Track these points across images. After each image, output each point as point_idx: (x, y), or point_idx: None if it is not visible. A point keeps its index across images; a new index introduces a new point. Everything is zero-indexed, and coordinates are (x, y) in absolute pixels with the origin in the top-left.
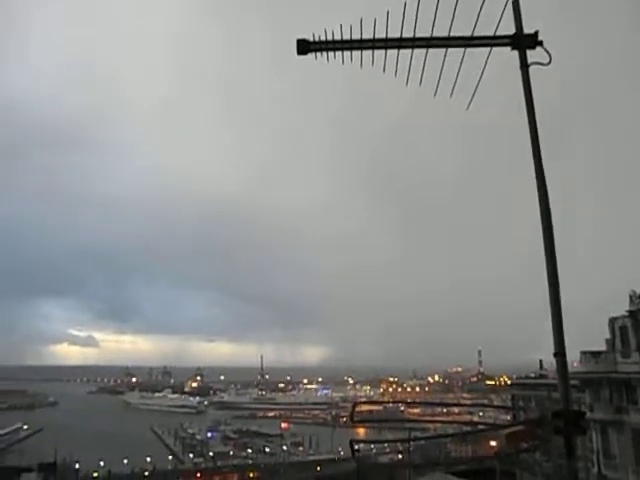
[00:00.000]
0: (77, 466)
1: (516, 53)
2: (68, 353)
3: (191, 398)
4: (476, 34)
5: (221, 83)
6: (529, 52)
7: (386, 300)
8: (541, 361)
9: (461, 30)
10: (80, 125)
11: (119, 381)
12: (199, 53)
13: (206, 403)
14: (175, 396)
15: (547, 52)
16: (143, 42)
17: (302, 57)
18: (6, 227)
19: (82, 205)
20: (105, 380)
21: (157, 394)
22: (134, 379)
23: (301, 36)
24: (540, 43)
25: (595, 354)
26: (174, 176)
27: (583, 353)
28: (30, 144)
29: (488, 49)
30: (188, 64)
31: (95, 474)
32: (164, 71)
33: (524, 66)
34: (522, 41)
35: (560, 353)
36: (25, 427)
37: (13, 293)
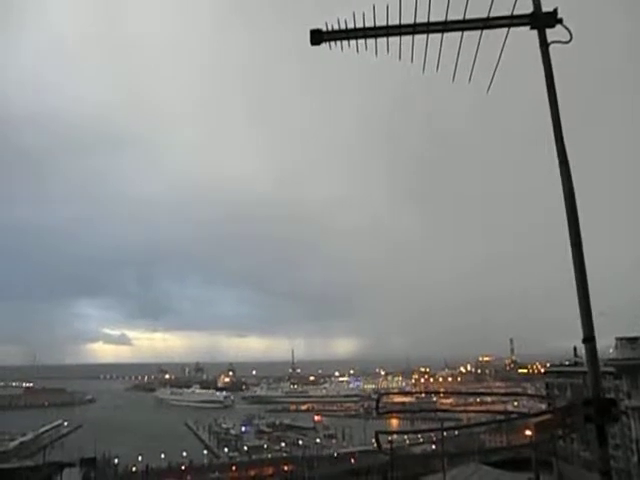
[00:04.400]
0: (116, 461)
1: (535, 32)
2: (103, 351)
3: (217, 393)
4: (493, 15)
5: (247, 82)
6: (548, 31)
7: (415, 288)
8: (575, 348)
9: (477, 12)
10: (109, 128)
11: (153, 378)
12: (226, 53)
13: (233, 398)
14: (203, 391)
15: (567, 30)
16: (171, 44)
17: (328, 54)
18: (41, 234)
19: (114, 208)
20: (139, 377)
21: (186, 390)
22: (167, 376)
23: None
24: (560, 21)
25: (631, 340)
26: (203, 176)
27: (619, 339)
28: (59, 149)
29: (506, 30)
30: (216, 64)
31: (134, 468)
32: (193, 72)
33: (544, 45)
34: (541, 20)
35: (589, 338)
36: (65, 424)
37: (52, 296)
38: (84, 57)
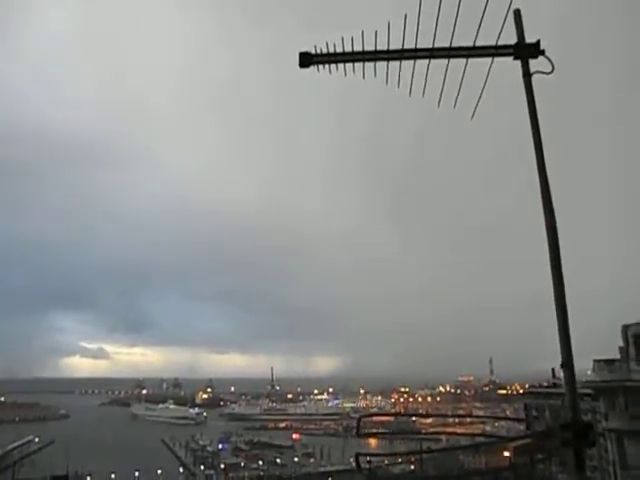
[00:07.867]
0: (88, 478)
1: (519, 62)
2: (80, 365)
3: (191, 410)
4: (478, 44)
5: (234, 94)
6: (531, 61)
7: (394, 305)
8: (553, 369)
9: (463, 40)
10: (102, 141)
11: (129, 393)
12: (211, 66)
13: (205, 414)
14: (176, 407)
15: (549, 61)
16: (158, 55)
17: (306, 70)
18: (27, 242)
19: (100, 220)
20: (116, 392)
21: (160, 405)
22: (144, 391)
23: (306, 46)
24: (542, 52)
25: (609, 362)
26: (187, 190)
27: (596, 361)
28: (55, 161)
29: (490, 59)
30: (204, 75)
31: None
32: (182, 84)
33: (526, 75)
34: (524, 51)
35: (567, 364)
36: (36, 440)
37: (28, 308)
38: (78, 73)
